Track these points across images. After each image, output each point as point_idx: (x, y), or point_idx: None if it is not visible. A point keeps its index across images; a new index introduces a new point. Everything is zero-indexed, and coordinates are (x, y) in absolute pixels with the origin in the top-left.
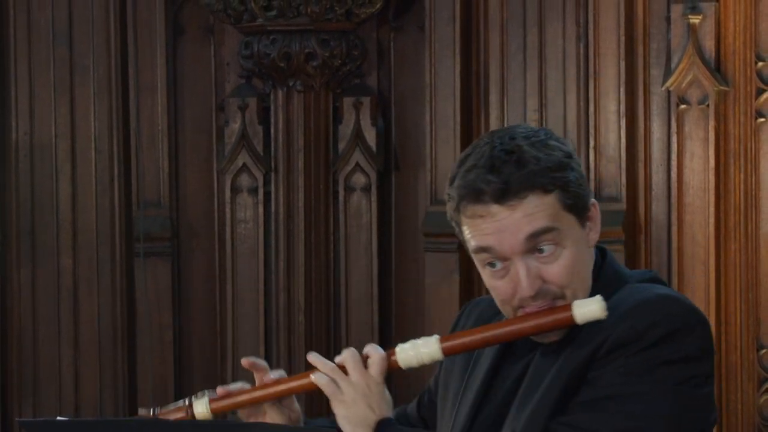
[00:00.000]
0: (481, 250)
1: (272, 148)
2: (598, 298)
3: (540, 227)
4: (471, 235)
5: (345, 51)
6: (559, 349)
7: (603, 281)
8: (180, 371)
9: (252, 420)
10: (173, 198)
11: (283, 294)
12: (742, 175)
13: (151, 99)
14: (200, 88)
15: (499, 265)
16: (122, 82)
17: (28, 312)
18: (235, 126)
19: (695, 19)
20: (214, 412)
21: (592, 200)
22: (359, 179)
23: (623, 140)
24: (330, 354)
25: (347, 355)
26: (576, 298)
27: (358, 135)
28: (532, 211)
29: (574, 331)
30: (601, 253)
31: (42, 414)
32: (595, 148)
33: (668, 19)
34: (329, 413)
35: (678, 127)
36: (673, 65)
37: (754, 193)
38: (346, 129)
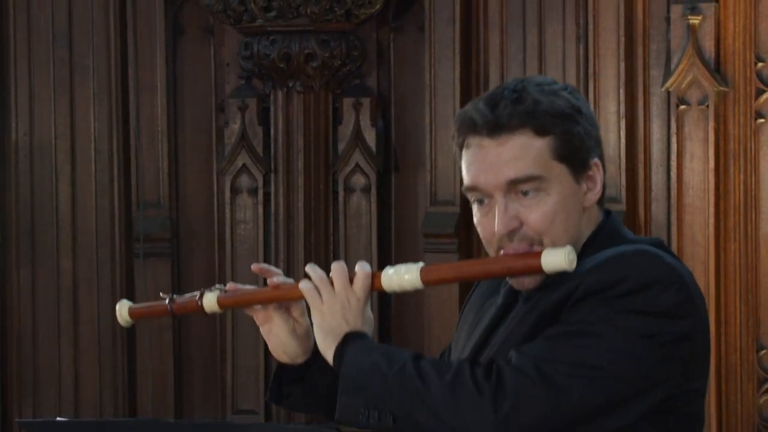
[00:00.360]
0: (469, 189)
1: (272, 149)
2: (568, 248)
3: (523, 175)
4: (464, 169)
5: (345, 52)
6: (536, 296)
7: (599, 241)
8: (179, 372)
9: (267, 328)
10: (173, 198)
11: None
12: (741, 176)
13: (150, 99)
14: (200, 88)
15: (485, 201)
16: (122, 83)
17: (28, 312)
18: (235, 126)
19: (695, 20)
20: (220, 305)
21: (595, 159)
22: (359, 180)
23: (623, 141)
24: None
25: (335, 268)
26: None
27: (357, 136)
28: (519, 152)
29: (550, 279)
30: (606, 214)
31: (42, 414)
32: None
33: (668, 20)
34: None
35: (678, 127)
36: (672, 66)
37: (753, 193)
38: (345, 130)
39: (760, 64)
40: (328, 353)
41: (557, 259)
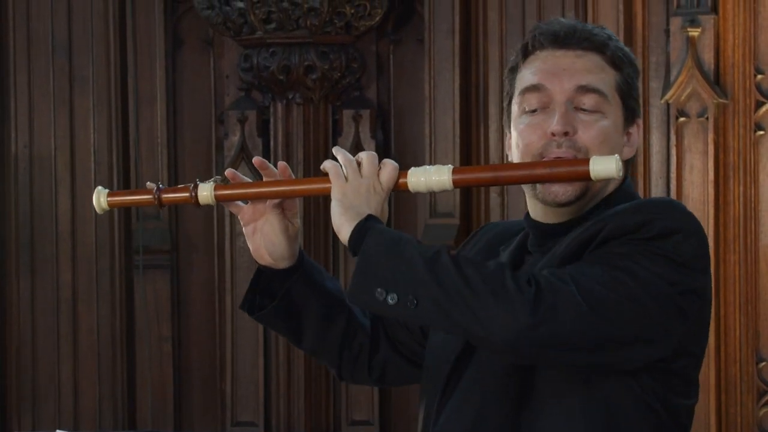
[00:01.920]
0: (533, 88)
1: (272, 161)
2: (616, 157)
3: (593, 85)
4: (529, 73)
5: (344, 64)
6: (551, 247)
7: (615, 200)
8: (179, 383)
9: (252, 228)
10: (172, 210)
11: None
12: (741, 188)
13: (150, 111)
14: (199, 100)
15: (539, 110)
16: (121, 94)
17: (28, 324)
18: (235, 138)
19: (694, 32)
20: (217, 199)
21: (639, 119)
22: None
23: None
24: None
25: (365, 155)
26: None
27: (357, 147)
28: (593, 68)
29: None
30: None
31: (41, 426)
32: None
33: (667, 32)
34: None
35: (677, 139)
36: (672, 78)
37: (753, 205)
38: (345, 141)
39: (759, 77)
40: (343, 228)
41: (606, 165)
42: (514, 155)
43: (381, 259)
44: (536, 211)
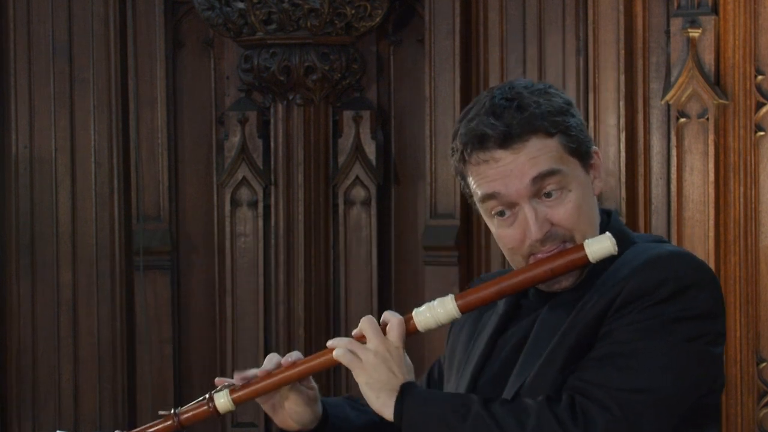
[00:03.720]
0: (489, 197)
1: (272, 162)
2: (608, 234)
3: (545, 169)
4: (477, 183)
5: (344, 65)
6: (568, 305)
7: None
8: (179, 385)
9: (270, 405)
10: (173, 211)
11: (283, 307)
12: (741, 189)
13: (150, 112)
14: (200, 101)
15: (507, 213)
16: (122, 96)
17: (28, 325)
18: (235, 139)
19: (695, 33)
20: (236, 402)
21: (594, 147)
22: (359, 193)
23: (623, 154)
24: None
25: (364, 323)
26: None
27: (357, 148)
28: (536, 154)
29: (584, 286)
30: (606, 214)
31: (41, 428)
32: None
33: (668, 33)
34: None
35: (677, 140)
36: (672, 79)
37: (753, 206)
38: (345, 142)
39: (759, 77)
40: (385, 411)
41: (602, 245)
42: (502, 249)
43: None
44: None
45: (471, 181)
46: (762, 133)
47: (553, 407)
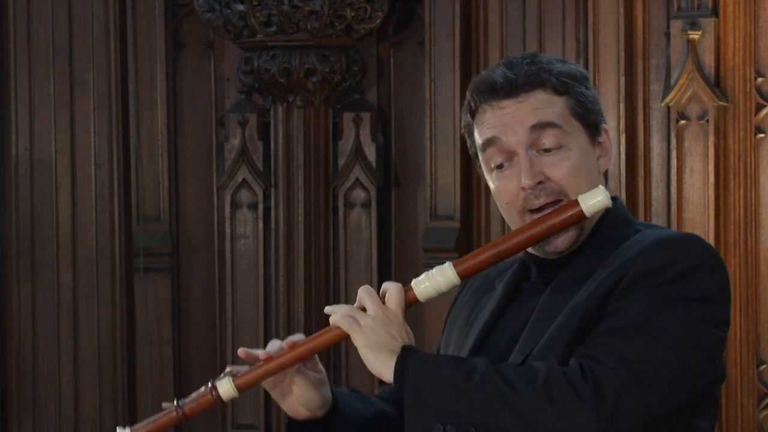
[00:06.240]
0: (489, 142)
1: (272, 164)
2: (601, 188)
3: (545, 120)
4: (480, 132)
5: (345, 66)
6: (571, 286)
7: (610, 221)
8: (179, 386)
9: (279, 391)
10: (173, 213)
11: (283, 309)
12: (741, 191)
13: (150, 114)
14: (200, 103)
15: (505, 165)
16: (122, 98)
17: (28, 327)
18: (235, 141)
19: (695, 35)
20: (240, 388)
21: (605, 125)
22: (359, 195)
23: (623, 156)
24: (330, 369)
25: (363, 292)
26: None
27: (357, 150)
28: (539, 105)
29: (588, 269)
30: (612, 199)
31: (42, 429)
32: None
33: (668, 35)
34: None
35: (677, 142)
36: (672, 81)
37: (753, 208)
38: (345, 144)
39: (759, 79)
40: (385, 371)
41: (596, 198)
42: (500, 207)
43: (431, 393)
44: (534, 247)
45: (476, 133)
46: (762, 135)
47: (563, 369)
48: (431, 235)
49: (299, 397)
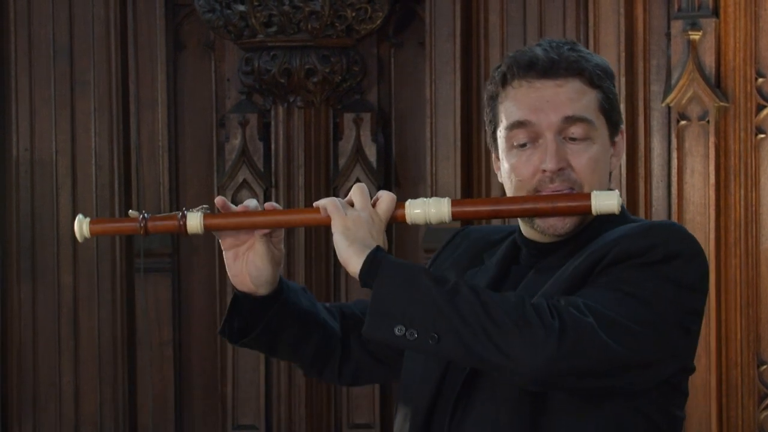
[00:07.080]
0: (519, 124)
1: (272, 164)
2: (617, 193)
3: (580, 114)
4: (510, 109)
5: (345, 67)
6: (554, 269)
7: (609, 217)
8: (180, 387)
9: (234, 252)
10: None
11: None
12: (742, 191)
13: (151, 114)
14: (201, 103)
15: (528, 146)
16: (123, 98)
17: (29, 328)
18: (236, 142)
19: (695, 36)
20: (207, 228)
21: (622, 126)
22: None
23: (623, 156)
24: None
25: (356, 189)
26: None
27: (358, 151)
28: (575, 96)
29: (572, 255)
30: None
31: (42, 430)
32: None
33: (668, 36)
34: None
35: (678, 143)
36: (673, 81)
37: (754, 209)
38: (346, 145)
39: (760, 80)
40: (352, 261)
41: (608, 201)
42: (507, 186)
43: (398, 295)
44: (529, 231)
45: (503, 107)
46: (763, 136)
47: (534, 302)
48: (432, 235)
49: (251, 266)
